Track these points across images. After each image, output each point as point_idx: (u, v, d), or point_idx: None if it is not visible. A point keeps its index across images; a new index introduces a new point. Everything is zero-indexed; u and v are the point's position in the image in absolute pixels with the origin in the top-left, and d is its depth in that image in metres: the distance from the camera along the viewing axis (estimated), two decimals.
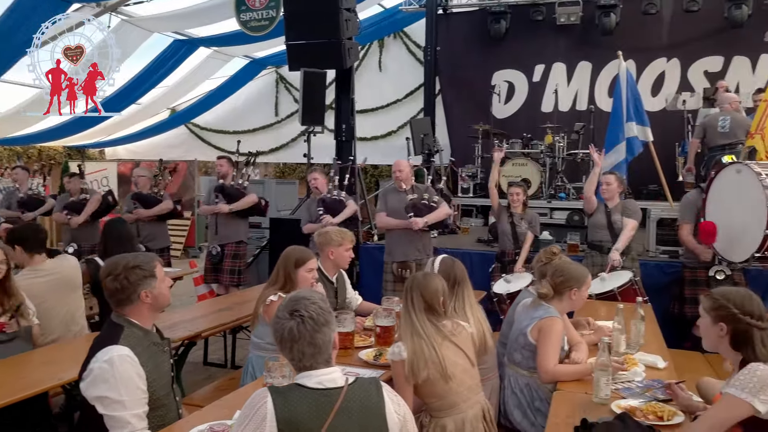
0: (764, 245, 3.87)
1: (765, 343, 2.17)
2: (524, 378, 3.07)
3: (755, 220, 3.90)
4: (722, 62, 9.45)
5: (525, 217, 5.52)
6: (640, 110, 6.49)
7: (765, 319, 2.20)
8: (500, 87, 10.28)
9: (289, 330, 1.78)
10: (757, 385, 2.08)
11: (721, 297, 2.26)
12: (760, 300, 2.26)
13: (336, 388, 1.80)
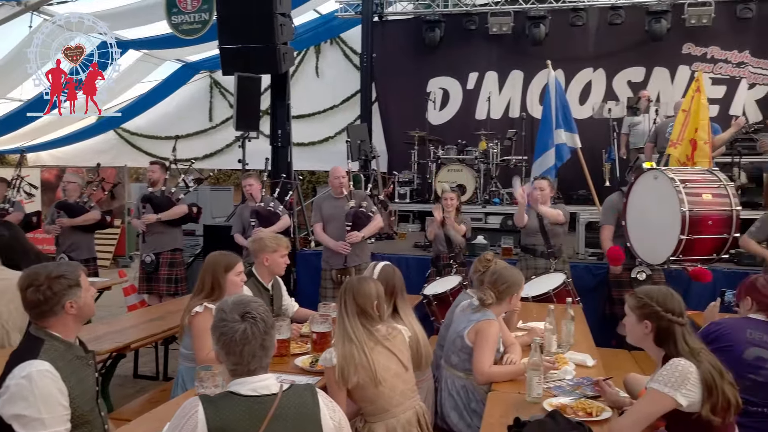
0: (679, 249, 4.06)
1: (686, 339, 2.28)
2: (461, 380, 3.11)
3: (670, 224, 4.08)
4: (644, 73, 9.91)
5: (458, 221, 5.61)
6: (568, 118, 6.72)
7: (685, 316, 2.32)
8: (435, 94, 10.42)
9: (242, 332, 1.75)
10: (679, 379, 2.17)
11: (645, 296, 2.36)
12: (680, 298, 2.38)
13: (270, 395, 1.77)
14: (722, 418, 2.17)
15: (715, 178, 4.27)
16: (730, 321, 3.00)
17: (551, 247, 5.18)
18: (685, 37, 9.68)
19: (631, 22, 9.65)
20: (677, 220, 4.00)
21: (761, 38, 9.48)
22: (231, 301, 1.84)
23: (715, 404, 2.15)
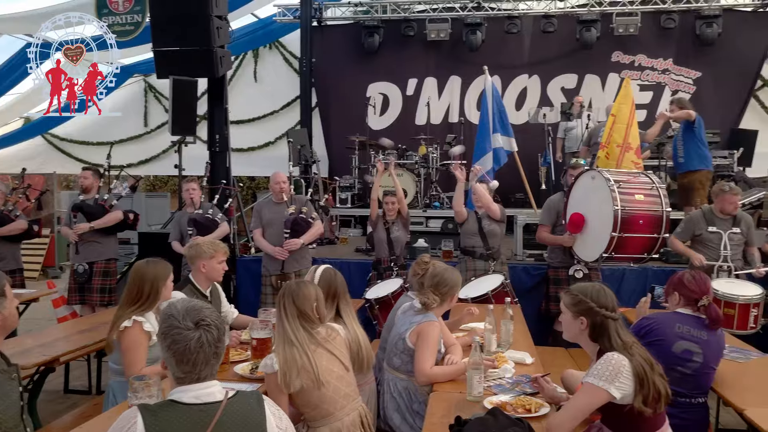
0: (611, 246, 4.22)
1: (619, 333, 2.35)
2: (403, 382, 3.11)
3: (605, 222, 4.24)
4: (576, 79, 10.27)
5: (397, 222, 5.65)
6: (505, 122, 6.87)
7: (617, 311, 2.40)
8: (375, 99, 10.48)
9: (196, 340, 1.69)
10: (613, 373, 2.24)
11: (580, 293, 2.43)
12: (613, 294, 2.46)
13: (214, 402, 1.71)
14: (653, 409, 2.25)
15: (649, 180, 4.46)
16: (661, 316, 3.12)
17: (490, 248, 5.28)
18: (614, 46, 10.09)
19: (563, 31, 9.99)
20: (610, 218, 4.15)
21: (682, 47, 10.00)
22: (182, 307, 1.75)
23: (647, 396, 2.22)
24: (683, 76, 10.04)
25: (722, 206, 5.14)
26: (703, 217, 5.25)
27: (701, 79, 9.98)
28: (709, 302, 3.01)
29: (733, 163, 8.43)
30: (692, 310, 3.03)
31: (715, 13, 9.64)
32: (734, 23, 9.84)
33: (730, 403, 2.90)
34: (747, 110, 10.11)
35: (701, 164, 6.26)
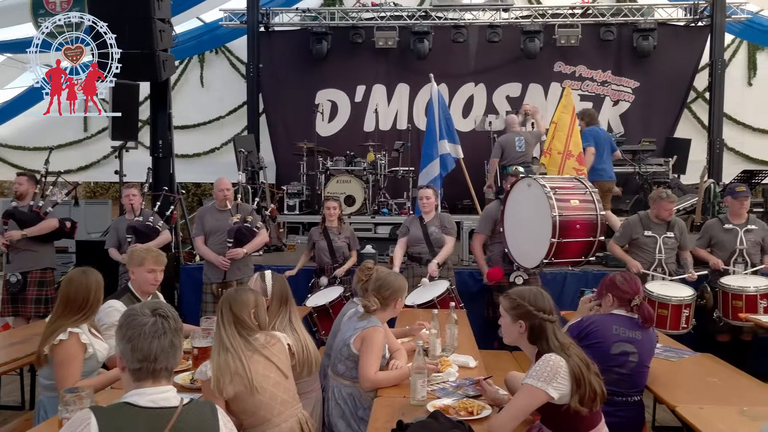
0: (551, 252, 4.32)
1: (556, 335, 2.42)
2: (347, 388, 3.10)
3: (543, 229, 4.34)
4: (520, 88, 10.51)
5: (342, 232, 5.64)
6: (451, 129, 6.97)
7: (554, 314, 2.46)
8: (323, 106, 10.46)
9: (152, 324, 1.69)
10: (551, 374, 2.29)
11: (518, 297, 2.49)
12: (549, 296, 2.52)
13: (170, 407, 1.69)
14: (589, 408, 2.31)
15: (582, 185, 4.59)
16: (598, 318, 3.21)
17: (435, 255, 5.32)
18: (556, 56, 10.38)
19: (508, 41, 10.21)
20: (548, 224, 4.25)
21: (621, 59, 10.37)
22: (140, 304, 1.81)
23: (583, 395, 2.28)
24: (622, 86, 10.41)
25: (658, 212, 5.34)
26: (639, 221, 5.44)
27: (639, 89, 10.36)
28: (641, 302, 3.11)
29: (668, 170, 8.80)
30: (626, 311, 3.12)
31: (651, 27, 10.04)
32: (668, 37, 10.27)
33: (663, 401, 3.01)
34: (681, 120, 10.56)
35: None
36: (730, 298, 5.06)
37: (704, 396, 3.03)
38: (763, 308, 4.94)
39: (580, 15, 10.33)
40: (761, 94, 10.87)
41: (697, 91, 10.70)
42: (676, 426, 4.07)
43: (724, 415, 2.68)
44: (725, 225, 5.44)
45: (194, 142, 11.27)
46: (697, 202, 7.49)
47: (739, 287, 5.04)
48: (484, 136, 9.29)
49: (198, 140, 11.34)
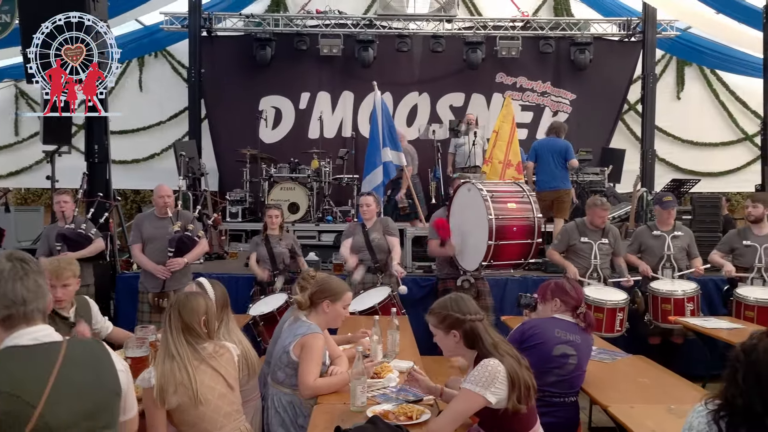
0: (489, 254, 4.40)
1: (489, 332, 2.46)
2: (287, 396, 3.06)
3: (482, 232, 4.42)
4: (464, 98, 10.70)
5: (284, 239, 5.59)
6: (394, 137, 7.02)
7: (480, 312, 2.51)
8: (267, 112, 10.35)
9: (11, 268, 1.63)
10: (489, 379, 2.33)
11: (442, 309, 2.52)
12: (469, 297, 2.57)
13: (55, 342, 1.65)
14: (526, 404, 2.36)
15: (520, 189, 4.70)
16: (541, 321, 3.28)
17: (378, 261, 5.34)
18: (498, 67, 10.62)
19: (451, 51, 10.38)
20: (486, 227, 4.33)
21: (559, 71, 10.70)
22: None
23: (519, 394, 2.33)
24: (561, 97, 10.73)
25: (592, 219, 5.52)
26: (576, 228, 5.61)
27: (576, 101, 10.71)
28: (586, 309, 3.22)
29: (604, 179, 9.10)
30: (570, 316, 3.21)
31: (587, 41, 10.41)
32: (604, 51, 10.66)
33: (597, 401, 3.10)
34: (616, 131, 10.97)
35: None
36: (660, 302, 5.27)
37: (635, 396, 3.15)
38: (690, 311, 5.17)
39: (521, 28, 10.61)
40: (688, 107, 11.43)
41: (630, 104, 11.15)
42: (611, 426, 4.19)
43: (653, 413, 2.79)
44: (654, 232, 5.67)
45: (133, 147, 10.95)
46: (631, 210, 7.77)
47: (668, 291, 5.26)
48: (429, 145, 9.39)
49: (137, 146, 11.03)
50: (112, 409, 1.73)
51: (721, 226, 7.16)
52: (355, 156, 9.32)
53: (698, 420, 1.65)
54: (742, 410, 1.53)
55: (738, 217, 9.61)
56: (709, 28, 10.17)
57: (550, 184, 7.02)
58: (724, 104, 11.56)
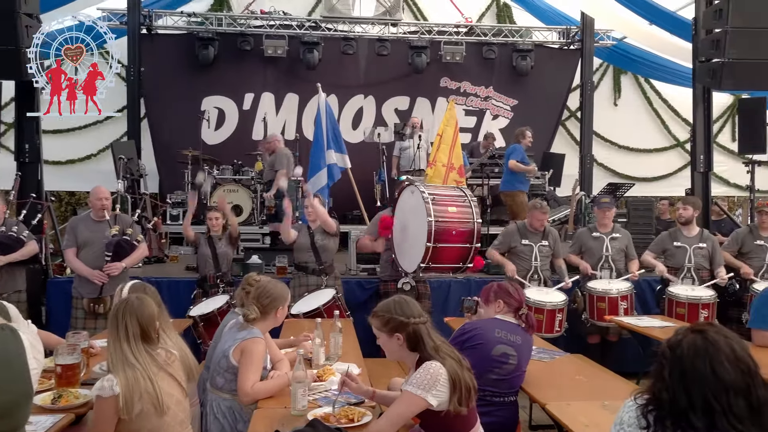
0: (427, 256, 4.44)
1: (431, 335, 2.47)
2: (227, 401, 3.00)
3: (421, 234, 4.46)
4: (409, 102, 10.78)
5: (223, 237, 5.50)
6: (338, 139, 7.01)
7: (423, 315, 2.52)
8: (210, 113, 10.14)
9: None
10: (430, 382, 2.34)
11: (386, 312, 2.52)
12: (413, 300, 2.58)
13: None
14: (467, 405, 2.39)
15: (462, 193, 4.76)
16: (482, 322, 3.33)
17: (322, 263, 5.31)
18: (442, 72, 10.75)
19: (396, 55, 10.44)
20: (425, 229, 4.37)
21: (502, 76, 10.92)
22: None
23: (460, 396, 2.35)
24: (502, 103, 10.95)
25: (532, 222, 5.65)
26: (517, 231, 5.73)
27: (518, 106, 10.95)
28: (528, 311, 3.28)
29: (545, 183, 9.34)
30: (512, 317, 3.27)
31: (528, 48, 10.67)
32: (545, 58, 10.95)
33: (535, 399, 3.17)
34: (556, 136, 11.27)
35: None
36: (596, 301, 5.44)
37: (571, 393, 3.23)
38: (624, 309, 5.35)
39: (465, 33, 10.77)
40: (624, 114, 11.89)
41: (570, 110, 11.49)
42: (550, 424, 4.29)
43: (588, 409, 2.86)
44: (593, 233, 5.84)
45: (68, 147, 10.54)
46: (570, 213, 7.99)
47: (603, 290, 5.43)
48: (374, 148, 9.41)
49: (72, 146, 10.62)
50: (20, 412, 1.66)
51: (653, 228, 7.45)
52: (300, 158, 9.22)
53: (628, 414, 1.71)
54: (668, 404, 1.58)
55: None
56: (643, 39, 10.58)
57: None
58: (657, 112, 12.07)
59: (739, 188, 11.59)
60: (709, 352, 1.56)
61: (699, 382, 1.54)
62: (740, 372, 1.53)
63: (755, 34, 6.26)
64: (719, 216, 8.88)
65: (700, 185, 7.29)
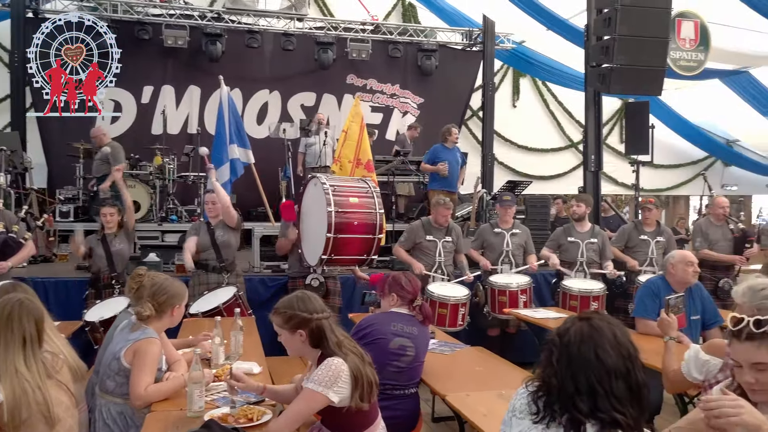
0: (328, 247, 4.42)
1: (334, 331, 2.46)
2: (118, 406, 2.84)
3: (322, 225, 4.44)
4: (315, 98, 10.69)
5: (119, 235, 5.24)
6: (241, 133, 6.83)
7: (326, 311, 2.50)
8: (105, 105, 9.59)
9: None
10: (332, 378, 2.32)
11: (287, 308, 2.47)
12: (315, 295, 2.56)
13: None
14: (369, 402, 2.39)
15: (366, 185, 4.77)
16: (377, 317, 3.35)
17: (223, 261, 5.15)
18: (348, 69, 10.74)
19: (302, 50, 10.32)
20: (325, 220, 4.35)
21: (407, 75, 11.07)
22: None
23: (362, 392, 2.35)
24: (409, 100, 11.10)
25: (436, 218, 5.76)
26: (422, 227, 5.82)
27: (423, 104, 11.13)
28: (422, 302, 3.32)
29: None
30: (407, 309, 3.30)
31: (433, 48, 10.87)
32: (448, 58, 11.19)
33: (436, 391, 3.23)
34: (460, 135, 11.52)
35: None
36: (497, 294, 5.62)
37: (471, 384, 3.31)
38: (523, 302, 5.57)
39: (371, 31, 10.82)
40: (523, 115, 12.41)
41: (472, 110, 11.82)
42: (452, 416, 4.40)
43: (486, 399, 2.95)
44: (495, 229, 6.04)
45: None
46: (472, 210, 8.21)
47: (504, 284, 5.63)
48: (279, 143, 9.25)
49: None
50: None
51: (549, 224, 7.80)
52: None
53: (520, 402, 1.76)
54: (557, 390, 1.64)
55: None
56: (540, 43, 11.07)
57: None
58: (553, 114, 12.70)
59: (626, 187, 12.42)
60: (594, 338, 1.63)
61: (584, 366, 1.61)
62: (621, 356, 1.61)
63: (641, 42, 6.70)
64: (608, 213, 9.45)
65: (591, 184, 7.72)
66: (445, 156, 7.90)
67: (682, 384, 2.75)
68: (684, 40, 9.27)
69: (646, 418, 1.59)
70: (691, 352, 2.67)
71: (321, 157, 8.42)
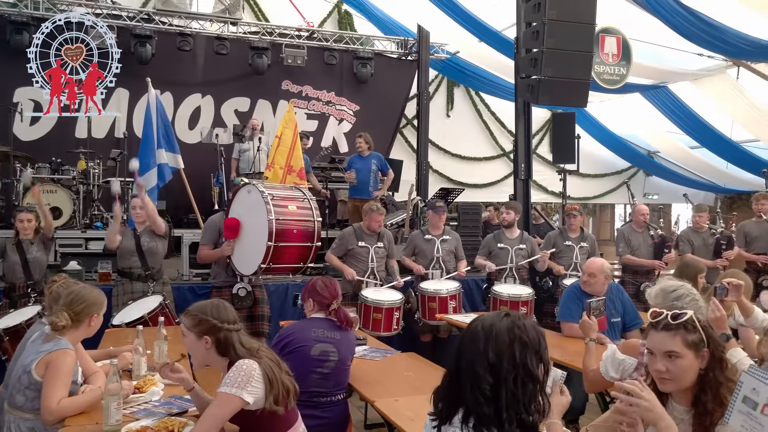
0: (268, 256, 4.36)
1: (242, 342, 2.42)
2: (28, 422, 2.70)
3: (261, 234, 4.37)
4: (249, 103, 10.54)
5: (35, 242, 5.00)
6: (170, 137, 6.66)
7: (238, 322, 2.45)
8: (24, 106, 9.14)
9: None
10: (244, 378, 2.28)
11: (200, 312, 2.42)
12: (230, 306, 2.51)
13: None
14: (284, 406, 2.35)
15: (301, 193, 4.74)
16: (297, 324, 3.31)
17: (149, 269, 4.99)
18: (284, 75, 10.65)
19: (236, 55, 10.15)
20: (266, 228, 4.29)
21: (343, 81, 11.07)
22: None
23: (277, 395, 2.31)
24: (345, 108, 11.10)
25: (369, 224, 5.77)
26: (354, 233, 5.82)
27: (360, 112, 11.16)
28: (339, 306, 3.29)
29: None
30: (325, 314, 3.28)
31: (369, 56, 10.92)
32: (384, 67, 11.26)
33: (365, 397, 3.22)
34: (395, 143, 11.66)
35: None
36: (427, 300, 5.68)
37: (400, 389, 3.32)
38: (453, 308, 5.64)
39: (306, 38, 10.77)
40: (456, 124, 12.66)
41: (407, 118, 11.95)
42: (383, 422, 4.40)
43: (414, 404, 2.96)
44: (426, 236, 6.11)
45: None
46: (406, 217, 8.27)
47: (434, 290, 5.69)
48: (211, 149, 9.06)
49: None
50: None
51: (481, 230, 7.96)
52: (128, 157, 8.61)
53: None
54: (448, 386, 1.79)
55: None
56: (473, 54, 11.31)
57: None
58: (486, 123, 13.00)
59: (556, 195, 12.81)
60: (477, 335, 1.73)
61: (468, 356, 1.71)
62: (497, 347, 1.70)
63: (567, 56, 6.94)
64: (538, 221, 9.72)
65: (522, 191, 7.92)
66: (355, 164, 8.00)
67: (600, 383, 2.84)
68: (607, 55, 9.66)
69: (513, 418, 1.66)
70: (608, 352, 2.77)
71: (255, 163, 8.29)
